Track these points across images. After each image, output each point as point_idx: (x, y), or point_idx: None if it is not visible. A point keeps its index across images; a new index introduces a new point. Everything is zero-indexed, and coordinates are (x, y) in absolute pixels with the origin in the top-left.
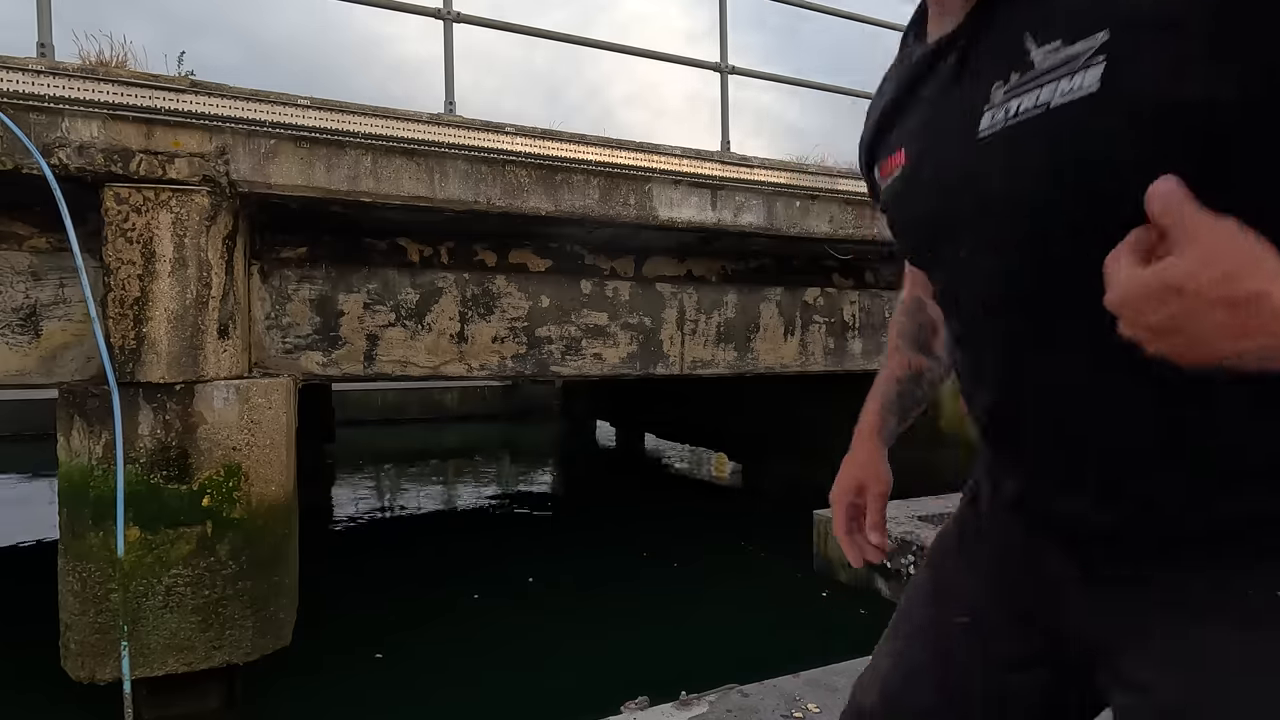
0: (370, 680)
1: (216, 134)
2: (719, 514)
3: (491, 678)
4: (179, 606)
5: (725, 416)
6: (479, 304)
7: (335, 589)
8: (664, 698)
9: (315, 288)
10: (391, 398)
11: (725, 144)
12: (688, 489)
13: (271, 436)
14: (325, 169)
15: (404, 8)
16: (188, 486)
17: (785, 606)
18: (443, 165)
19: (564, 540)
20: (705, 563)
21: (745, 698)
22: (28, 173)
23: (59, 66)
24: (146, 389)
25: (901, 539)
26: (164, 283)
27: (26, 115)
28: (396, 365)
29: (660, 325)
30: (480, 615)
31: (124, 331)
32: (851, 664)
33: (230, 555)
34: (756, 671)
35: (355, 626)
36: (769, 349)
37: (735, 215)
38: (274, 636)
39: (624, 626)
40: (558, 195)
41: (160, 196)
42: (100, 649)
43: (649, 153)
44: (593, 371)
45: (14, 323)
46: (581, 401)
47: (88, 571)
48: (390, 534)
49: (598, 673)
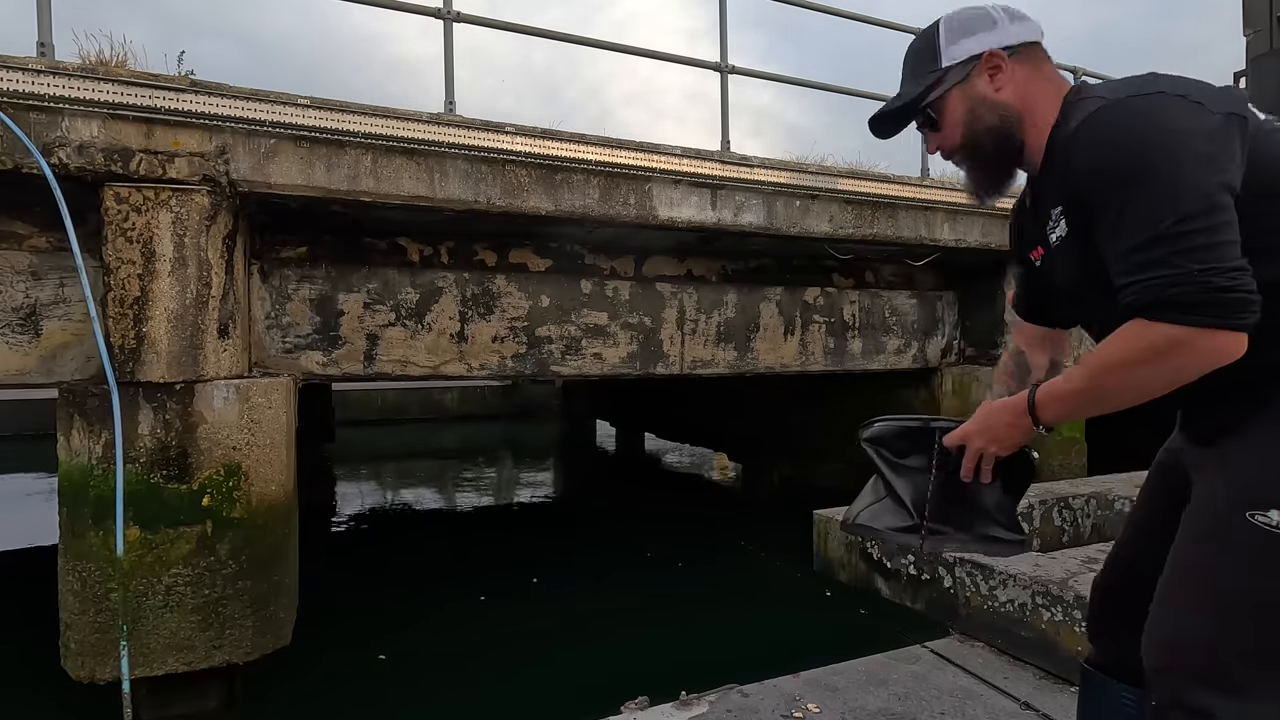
0: (370, 680)
1: (216, 133)
2: (719, 514)
3: (491, 677)
4: (179, 606)
5: (725, 416)
6: (479, 304)
7: (335, 588)
8: (664, 698)
9: (315, 287)
10: (391, 398)
11: (725, 143)
12: (688, 489)
13: (271, 436)
14: (325, 168)
15: (405, 7)
16: (188, 486)
17: (785, 606)
18: (443, 165)
19: (563, 540)
20: (705, 563)
21: (745, 698)
22: (28, 172)
23: (59, 66)
24: (146, 388)
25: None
26: (164, 282)
27: (26, 115)
28: (396, 365)
29: (660, 325)
30: (479, 615)
31: (124, 331)
32: (851, 664)
33: (230, 555)
34: (756, 671)
35: (355, 626)
36: (769, 349)
37: (735, 215)
38: (274, 636)
39: (624, 626)
40: (558, 195)
41: (160, 196)
42: (100, 648)
43: (649, 152)
44: (593, 371)
45: (14, 322)
46: (581, 401)
47: (88, 571)
48: (390, 534)
49: (598, 673)
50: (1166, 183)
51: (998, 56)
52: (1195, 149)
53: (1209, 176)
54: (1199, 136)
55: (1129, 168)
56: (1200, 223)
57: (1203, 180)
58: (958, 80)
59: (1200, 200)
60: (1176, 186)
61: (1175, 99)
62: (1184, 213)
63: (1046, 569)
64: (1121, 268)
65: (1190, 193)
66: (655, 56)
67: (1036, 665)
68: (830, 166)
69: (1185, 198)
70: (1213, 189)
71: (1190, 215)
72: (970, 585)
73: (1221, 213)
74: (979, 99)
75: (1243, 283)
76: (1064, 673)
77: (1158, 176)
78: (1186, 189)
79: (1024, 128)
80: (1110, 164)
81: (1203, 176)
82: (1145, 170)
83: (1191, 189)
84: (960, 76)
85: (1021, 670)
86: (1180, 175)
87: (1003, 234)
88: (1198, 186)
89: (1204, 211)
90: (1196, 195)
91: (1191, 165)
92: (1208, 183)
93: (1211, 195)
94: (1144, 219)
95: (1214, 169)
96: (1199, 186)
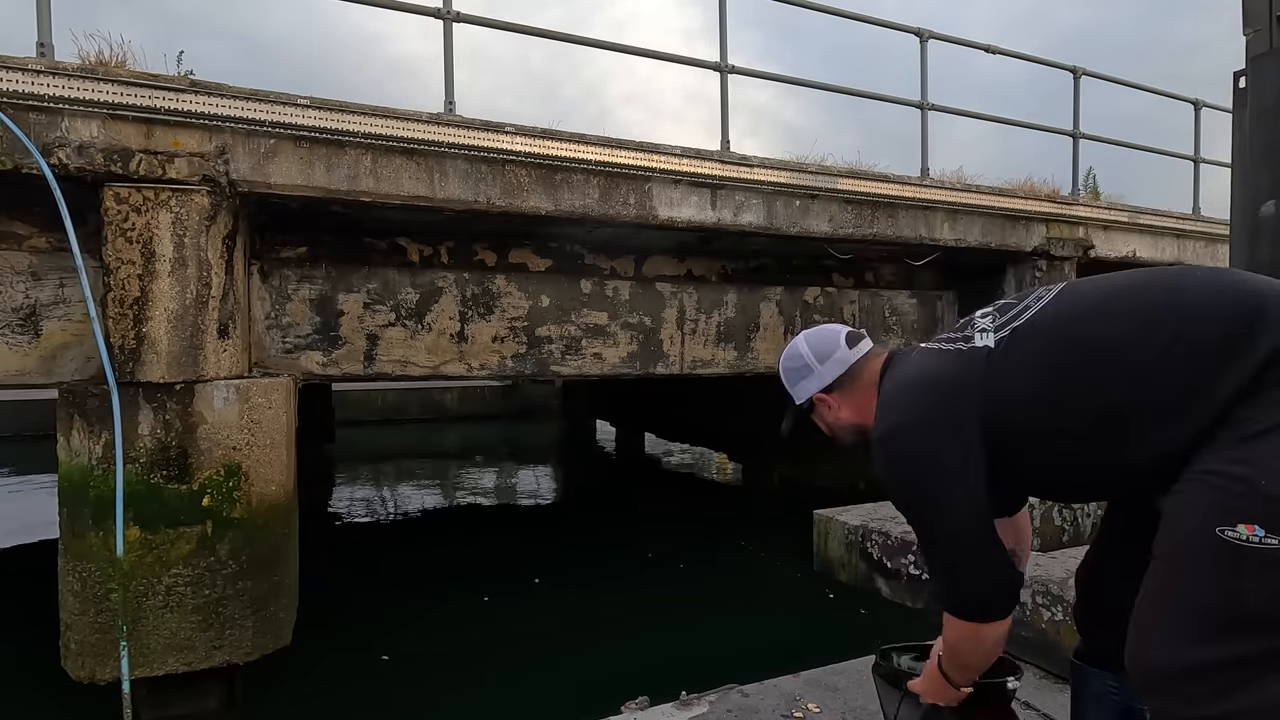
0: (370, 679)
1: (216, 134)
2: (719, 514)
3: (490, 677)
4: (179, 606)
5: (725, 416)
6: (479, 304)
7: (335, 589)
8: (664, 698)
9: (315, 287)
10: (391, 398)
11: (725, 143)
12: (688, 489)
13: (271, 436)
14: (325, 168)
15: (405, 7)
16: (188, 486)
17: (785, 606)
18: (442, 165)
19: (563, 540)
20: (705, 563)
21: (745, 698)
22: (28, 173)
23: (59, 66)
24: (146, 389)
25: (901, 538)
26: (164, 282)
27: (26, 115)
28: (396, 365)
29: (660, 325)
30: (479, 615)
31: (124, 331)
32: (851, 664)
33: (230, 555)
34: (756, 671)
35: (355, 626)
36: (769, 348)
37: (735, 215)
38: (274, 636)
39: (624, 626)
40: (557, 195)
41: (160, 196)
42: (100, 649)
43: (649, 152)
44: (593, 371)
45: (14, 323)
46: (581, 401)
47: (88, 571)
48: (390, 534)
49: (598, 673)
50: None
51: (823, 400)
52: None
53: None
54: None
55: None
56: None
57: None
58: (809, 410)
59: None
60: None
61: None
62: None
63: (1046, 569)
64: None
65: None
66: (655, 56)
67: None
68: (830, 166)
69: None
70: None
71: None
72: None
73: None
74: (829, 422)
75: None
76: (1064, 672)
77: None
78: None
79: (870, 425)
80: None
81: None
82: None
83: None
84: (809, 409)
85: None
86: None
87: (1003, 233)
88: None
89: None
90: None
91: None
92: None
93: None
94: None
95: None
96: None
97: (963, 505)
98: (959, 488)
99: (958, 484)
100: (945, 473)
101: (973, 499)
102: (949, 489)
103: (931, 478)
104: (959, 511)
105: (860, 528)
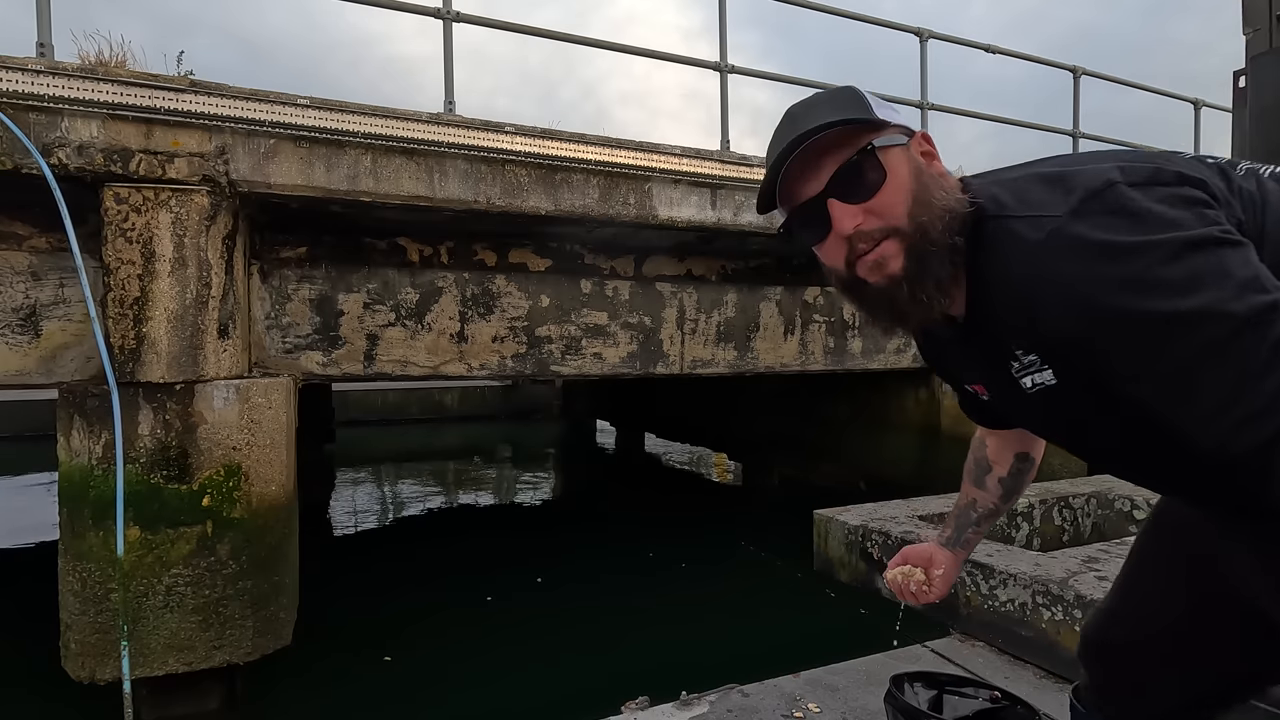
0: (370, 679)
1: (216, 134)
2: (719, 514)
3: (490, 677)
4: (179, 606)
5: (725, 416)
6: (479, 303)
7: (335, 589)
8: (664, 698)
9: (315, 287)
10: (392, 398)
11: (725, 143)
12: (688, 489)
13: (271, 436)
14: (325, 168)
15: (404, 7)
16: (188, 486)
17: (785, 606)
18: (442, 165)
19: (563, 540)
20: (705, 563)
21: (745, 698)
22: (27, 173)
23: (58, 66)
24: (146, 389)
25: (901, 538)
26: (164, 283)
27: (26, 115)
28: (396, 365)
29: (660, 325)
30: (478, 615)
31: (124, 331)
32: (851, 664)
33: (230, 555)
34: (756, 671)
35: (355, 626)
36: (769, 348)
37: (735, 214)
38: (274, 636)
39: (625, 626)
40: (557, 195)
41: (160, 196)
42: (100, 649)
43: (648, 152)
44: (593, 371)
45: (14, 323)
46: (581, 401)
47: (88, 571)
48: (390, 534)
49: (598, 673)
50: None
51: (929, 141)
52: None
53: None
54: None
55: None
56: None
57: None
58: (900, 143)
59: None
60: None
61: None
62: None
63: (1047, 568)
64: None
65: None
66: (655, 56)
67: (1037, 664)
68: None
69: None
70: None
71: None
72: (971, 585)
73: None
74: (925, 171)
75: None
76: (1064, 672)
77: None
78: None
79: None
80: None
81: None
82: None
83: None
84: (904, 139)
85: (1022, 669)
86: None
87: None
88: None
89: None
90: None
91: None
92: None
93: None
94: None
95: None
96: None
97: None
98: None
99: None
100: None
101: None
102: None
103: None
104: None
105: (860, 528)
